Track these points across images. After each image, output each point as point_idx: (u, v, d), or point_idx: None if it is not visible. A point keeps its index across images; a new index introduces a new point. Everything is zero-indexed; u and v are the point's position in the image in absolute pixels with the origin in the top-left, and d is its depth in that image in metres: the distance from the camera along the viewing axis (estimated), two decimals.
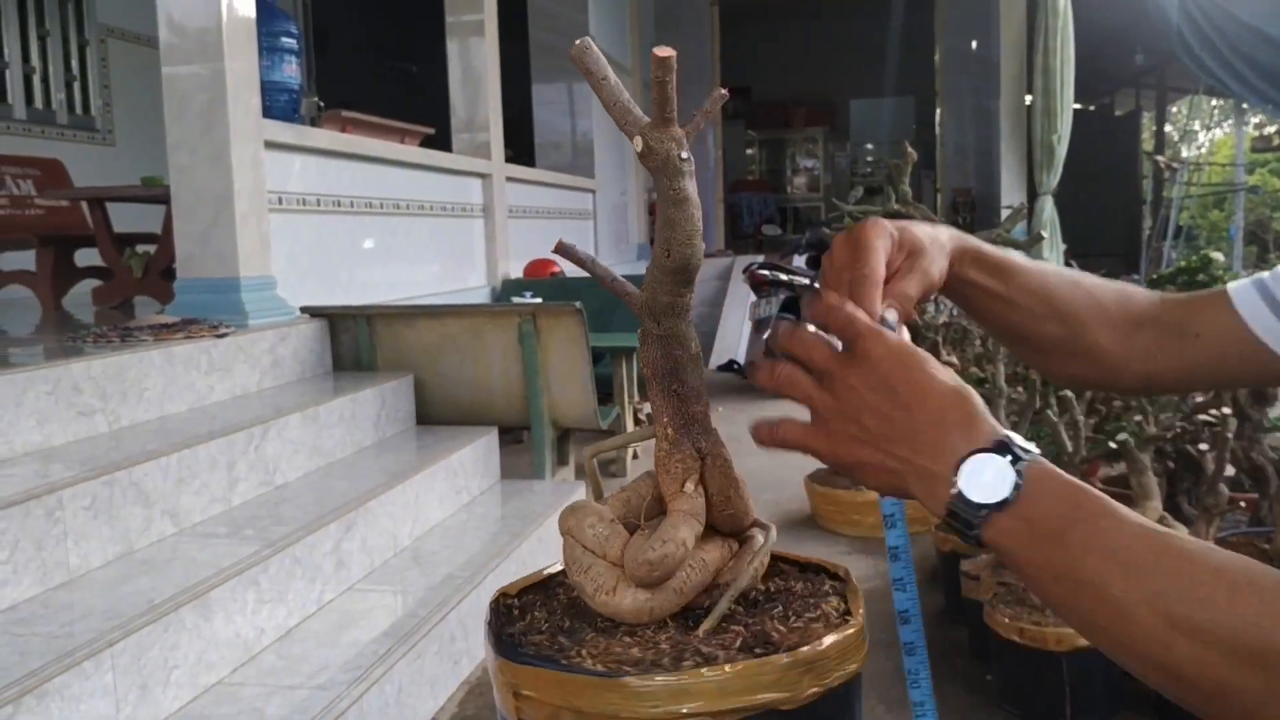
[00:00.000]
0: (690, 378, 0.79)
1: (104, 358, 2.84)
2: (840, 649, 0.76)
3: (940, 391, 0.70)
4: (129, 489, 2.44)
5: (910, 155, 3.67)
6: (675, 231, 0.75)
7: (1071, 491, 0.65)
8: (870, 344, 0.72)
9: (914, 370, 0.70)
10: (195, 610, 2.16)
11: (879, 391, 0.70)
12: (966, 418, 0.69)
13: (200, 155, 3.69)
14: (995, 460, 0.66)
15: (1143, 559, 0.62)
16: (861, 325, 0.73)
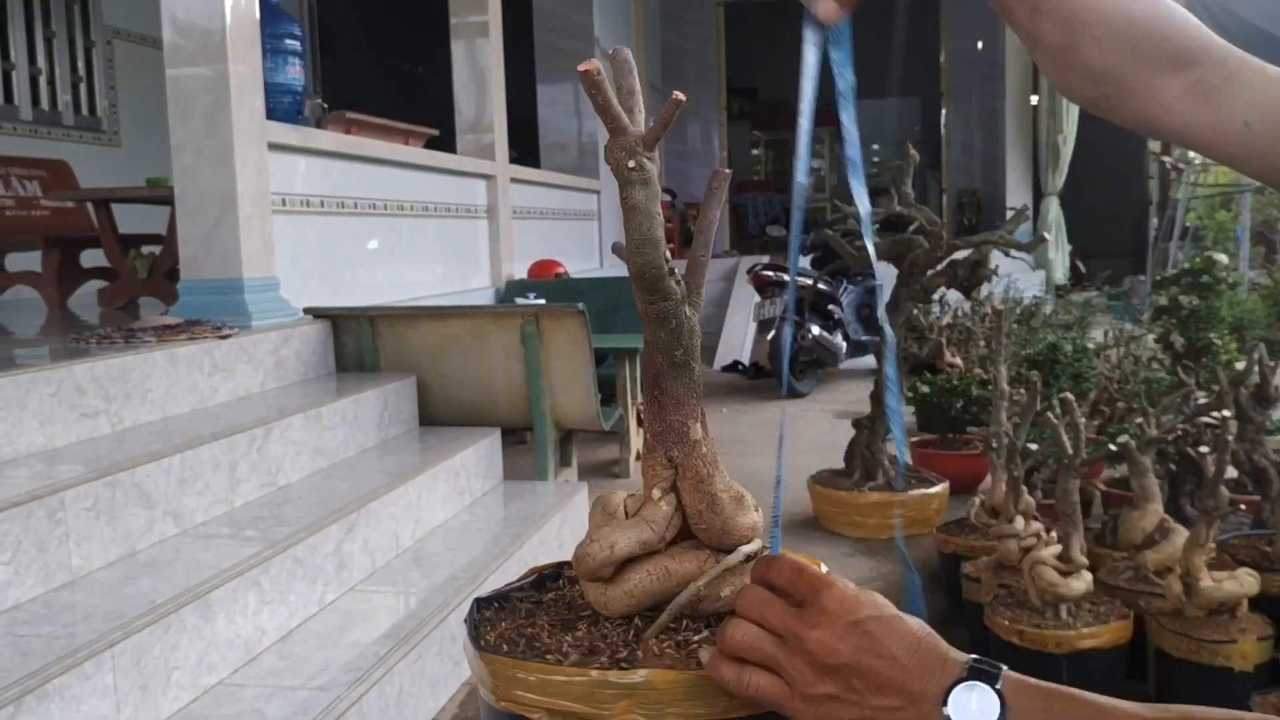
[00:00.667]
0: (670, 385, 0.79)
1: (107, 359, 2.85)
2: None
3: (916, 634, 0.71)
4: (131, 490, 2.44)
5: (913, 156, 3.67)
6: (628, 240, 0.76)
7: (1053, 702, 0.68)
8: (826, 597, 0.72)
9: (894, 622, 0.71)
10: (196, 611, 2.17)
11: (862, 648, 0.70)
12: (937, 651, 0.71)
13: (204, 157, 3.70)
14: (976, 687, 0.68)
15: None
16: (812, 577, 0.73)
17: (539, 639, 0.80)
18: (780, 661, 0.72)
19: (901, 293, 3.80)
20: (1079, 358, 4.13)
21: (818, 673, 0.71)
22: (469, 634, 0.82)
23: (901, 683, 0.69)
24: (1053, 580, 2.33)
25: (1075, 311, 6.98)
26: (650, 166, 0.75)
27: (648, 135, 0.74)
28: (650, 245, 0.75)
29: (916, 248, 3.66)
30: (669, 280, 0.76)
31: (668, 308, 0.77)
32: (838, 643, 0.70)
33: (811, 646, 0.71)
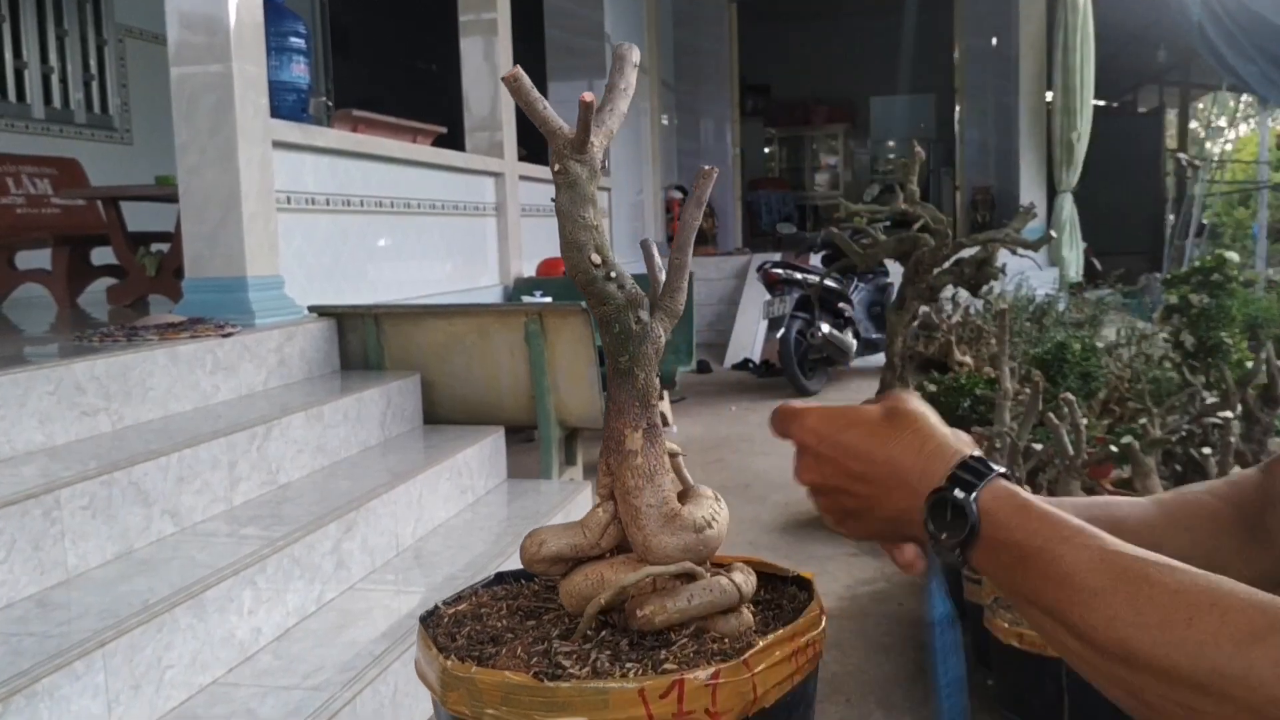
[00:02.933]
0: (614, 390, 0.77)
1: (108, 357, 2.85)
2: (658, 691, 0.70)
3: (880, 437, 0.72)
4: (128, 488, 2.44)
5: (918, 154, 3.64)
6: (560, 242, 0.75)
7: (1028, 516, 0.66)
8: (791, 434, 0.75)
9: (843, 433, 0.72)
10: (190, 610, 2.17)
11: (830, 474, 0.73)
12: (915, 454, 0.70)
13: (208, 155, 3.70)
14: (951, 499, 0.67)
15: (1098, 583, 0.61)
16: (782, 415, 0.76)
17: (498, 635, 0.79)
18: (817, 500, 0.77)
19: (908, 291, 3.77)
20: (1087, 357, 4.08)
21: (824, 503, 0.75)
22: (422, 629, 0.81)
23: (881, 495, 0.71)
24: None
25: (1088, 310, 6.93)
26: (577, 170, 0.73)
27: (574, 139, 0.72)
28: (573, 249, 0.73)
29: (922, 246, 3.63)
30: (604, 285, 0.75)
31: (608, 312, 0.75)
32: (813, 475, 0.74)
33: (806, 483, 0.75)
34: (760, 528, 4.05)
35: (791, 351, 6.87)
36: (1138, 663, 0.58)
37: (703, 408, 6.84)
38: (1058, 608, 0.62)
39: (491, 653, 0.76)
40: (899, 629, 3.03)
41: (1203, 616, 0.57)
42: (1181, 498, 0.89)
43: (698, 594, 0.75)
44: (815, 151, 17.03)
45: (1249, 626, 0.56)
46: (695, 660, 0.71)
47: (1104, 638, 0.60)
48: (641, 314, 0.76)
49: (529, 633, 0.79)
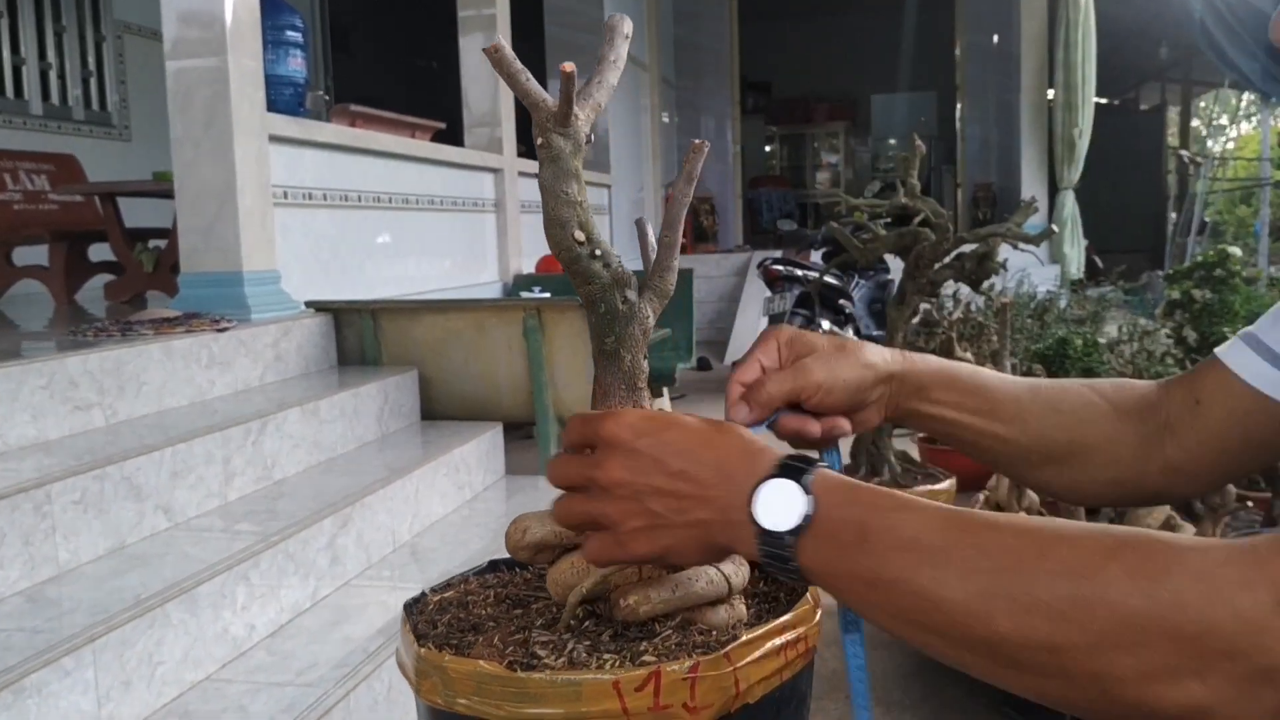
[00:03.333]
0: (600, 374, 0.75)
1: (101, 352, 2.83)
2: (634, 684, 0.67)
3: (704, 438, 0.68)
4: (121, 483, 2.42)
5: (919, 149, 3.62)
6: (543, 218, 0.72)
7: (861, 494, 0.64)
8: (604, 429, 0.69)
9: (665, 432, 0.68)
10: (182, 605, 2.14)
11: (647, 471, 0.67)
12: (741, 452, 0.67)
13: (204, 149, 3.68)
14: (782, 485, 0.64)
15: (945, 540, 0.60)
16: (589, 417, 0.70)
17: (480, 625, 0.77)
18: (593, 515, 0.69)
19: (908, 286, 3.75)
20: (1089, 352, 4.06)
21: (621, 509, 0.67)
22: (406, 619, 0.79)
23: (702, 493, 0.66)
24: None
25: (1090, 306, 6.90)
26: (560, 143, 0.70)
27: (557, 111, 0.69)
28: (556, 225, 0.71)
29: (923, 240, 3.60)
30: (588, 263, 0.72)
31: (593, 291, 0.73)
32: (623, 472, 0.67)
33: (604, 484, 0.68)
34: None
35: None
36: (996, 609, 0.56)
37: (703, 405, 6.81)
38: (905, 575, 0.60)
39: (470, 641, 0.73)
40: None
41: (1053, 548, 0.56)
42: (1059, 385, 0.92)
43: (682, 584, 0.72)
44: (816, 149, 17.00)
45: (1099, 547, 0.55)
46: (676, 653, 0.69)
47: (958, 592, 0.58)
48: (629, 294, 0.73)
49: (512, 622, 0.77)
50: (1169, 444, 0.88)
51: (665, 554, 0.68)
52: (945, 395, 0.87)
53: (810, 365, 0.81)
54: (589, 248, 0.71)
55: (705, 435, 0.68)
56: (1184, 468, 0.87)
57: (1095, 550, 0.55)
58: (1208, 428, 0.86)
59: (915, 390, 0.87)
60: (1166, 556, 0.54)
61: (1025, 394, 0.89)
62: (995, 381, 0.89)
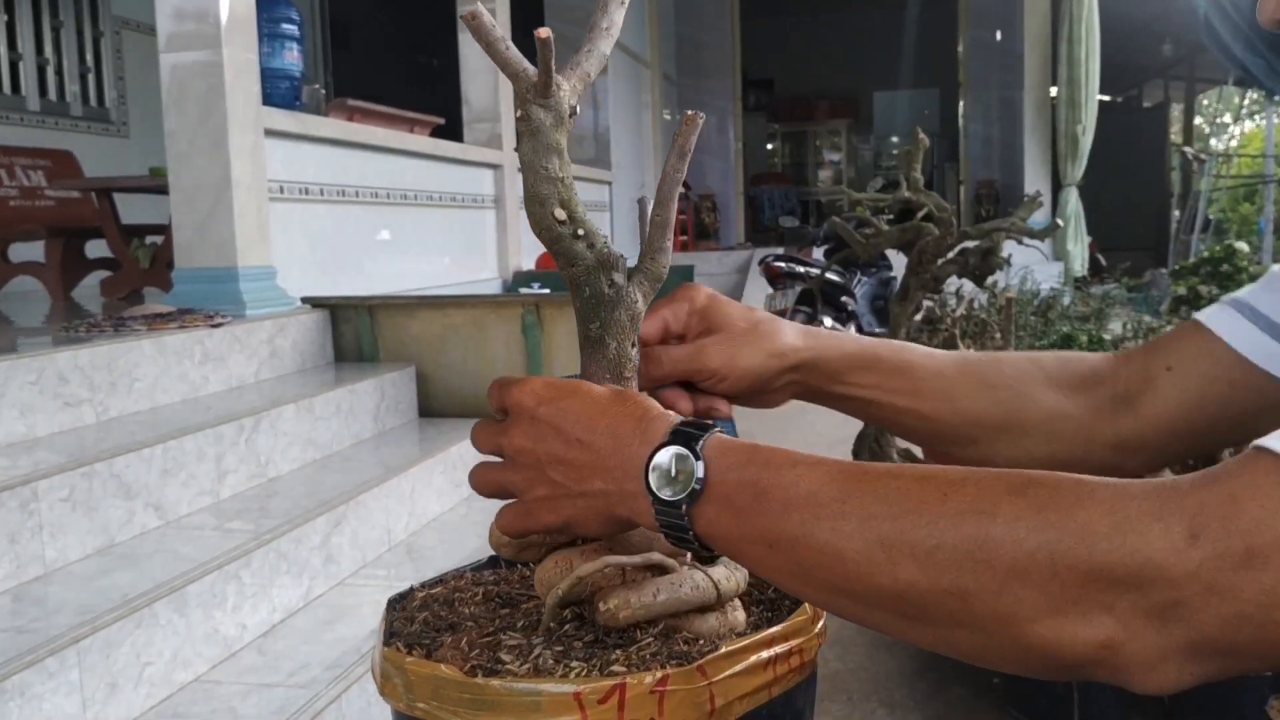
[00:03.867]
0: (585, 362, 0.71)
1: (92, 347, 2.78)
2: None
3: (602, 406, 0.65)
4: (110, 480, 2.38)
5: (922, 142, 3.57)
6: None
7: (755, 454, 0.61)
8: (510, 395, 0.67)
9: (565, 399, 0.65)
10: (171, 605, 2.10)
11: (546, 438, 0.65)
12: (636, 420, 0.64)
13: (198, 143, 3.64)
14: (674, 451, 0.61)
15: (843, 491, 0.57)
16: (502, 382, 0.68)
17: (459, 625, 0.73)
18: (501, 483, 0.68)
19: (911, 282, 3.70)
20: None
21: (525, 477, 0.66)
22: (386, 620, 0.74)
23: (599, 462, 0.63)
24: None
25: (1093, 304, 6.86)
26: (540, 115, 0.66)
27: (537, 81, 0.65)
28: (536, 203, 0.66)
29: (926, 235, 3.56)
30: (571, 243, 0.68)
31: (576, 274, 0.68)
32: (525, 440, 0.65)
33: (510, 452, 0.67)
34: None
35: None
36: (899, 556, 0.53)
37: None
38: (804, 531, 0.56)
39: (442, 641, 0.69)
40: None
41: (957, 490, 0.53)
42: (995, 358, 0.87)
43: (665, 589, 0.67)
44: (818, 147, 16.96)
45: (1005, 485, 0.53)
46: (650, 663, 0.64)
47: (858, 541, 0.55)
48: (615, 277, 0.69)
49: (493, 622, 0.72)
50: (1122, 417, 0.82)
51: (569, 524, 0.66)
52: (863, 378, 0.83)
53: (709, 349, 0.78)
54: (571, 227, 0.66)
55: (603, 403, 0.65)
56: (1137, 442, 0.82)
57: (1001, 488, 0.52)
58: (1175, 396, 0.80)
59: (828, 375, 0.83)
60: (1077, 491, 0.51)
61: (953, 369, 0.84)
62: (920, 358, 0.84)
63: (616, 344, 0.69)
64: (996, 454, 0.85)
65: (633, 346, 0.70)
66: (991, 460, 0.84)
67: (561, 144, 0.67)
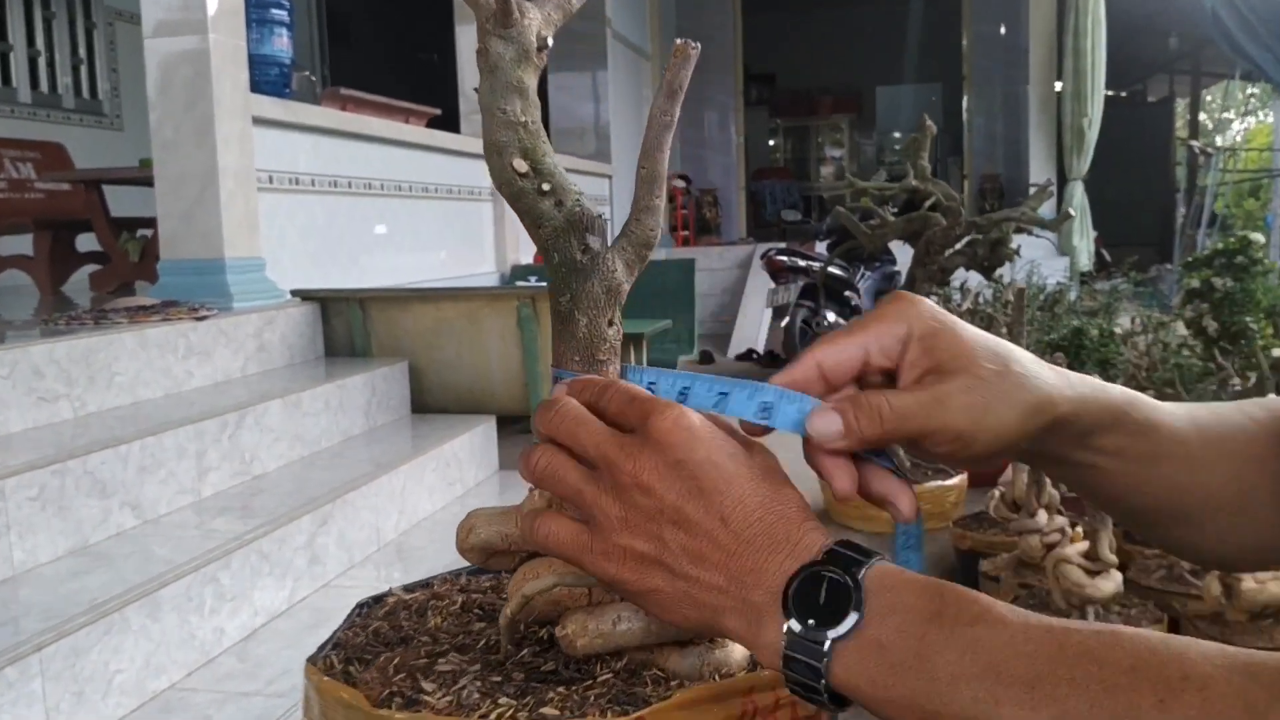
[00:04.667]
0: (555, 340, 0.60)
1: (69, 340, 2.68)
2: None
3: (763, 492, 0.52)
4: (83, 479, 2.28)
5: (929, 129, 3.46)
6: None
7: (927, 598, 0.48)
8: (659, 420, 0.53)
9: (729, 462, 0.52)
10: (143, 610, 2.00)
11: (684, 493, 0.52)
12: (789, 522, 0.52)
13: (184, 131, 3.53)
14: (830, 575, 0.49)
15: (1034, 671, 0.45)
16: (646, 400, 0.54)
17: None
18: (586, 498, 0.54)
19: (918, 273, 3.59)
20: (1105, 343, 3.90)
21: (627, 519, 0.53)
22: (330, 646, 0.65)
23: (728, 555, 0.51)
24: (1079, 580, 2.13)
25: (1101, 298, 6.75)
26: (499, 50, 0.55)
27: (496, 8, 0.54)
28: (493, 151, 0.56)
29: (933, 226, 3.45)
30: (535, 200, 0.57)
31: (544, 236, 0.58)
32: (656, 481, 0.52)
33: (624, 480, 0.52)
34: None
35: (796, 340, 6.69)
36: None
37: None
38: (976, 713, 0.45)
39: (386, 657, 0.60)
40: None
41: (1177, 697, 0.42)
42: (1219, 417, 0.65)
43: (628, 616, 0.57)
44: (820, 143, 16.84)
45: (1243, 703, 0.41)
46: (589, 707, 0.54)
47: None
48: (589, 240, 0.58)
49: (454, 638, 0.63)
50: None
51: (645, 595, 0.53)
52: (1111, 440, 0.61)
53: (953, 399, 0.55)
54: (535, 181, 0.56)
55: (764, 489, 0.52)
56: None
57: (1237, 706, 0.41)
58: None
59: (1077, 436, 0.60)
60: None
61: (1188, 428, 0.63)
62: (1162, 416, 0.62)
63: (588, 321, 0.59)
64: (1225, 539, 0.65)
65: (610, 325, 0.60)
66: (1207, 544, 0.66)
67: (526, 83, 0.57)
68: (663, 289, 5.50)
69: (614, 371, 0.60)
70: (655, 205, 0.60)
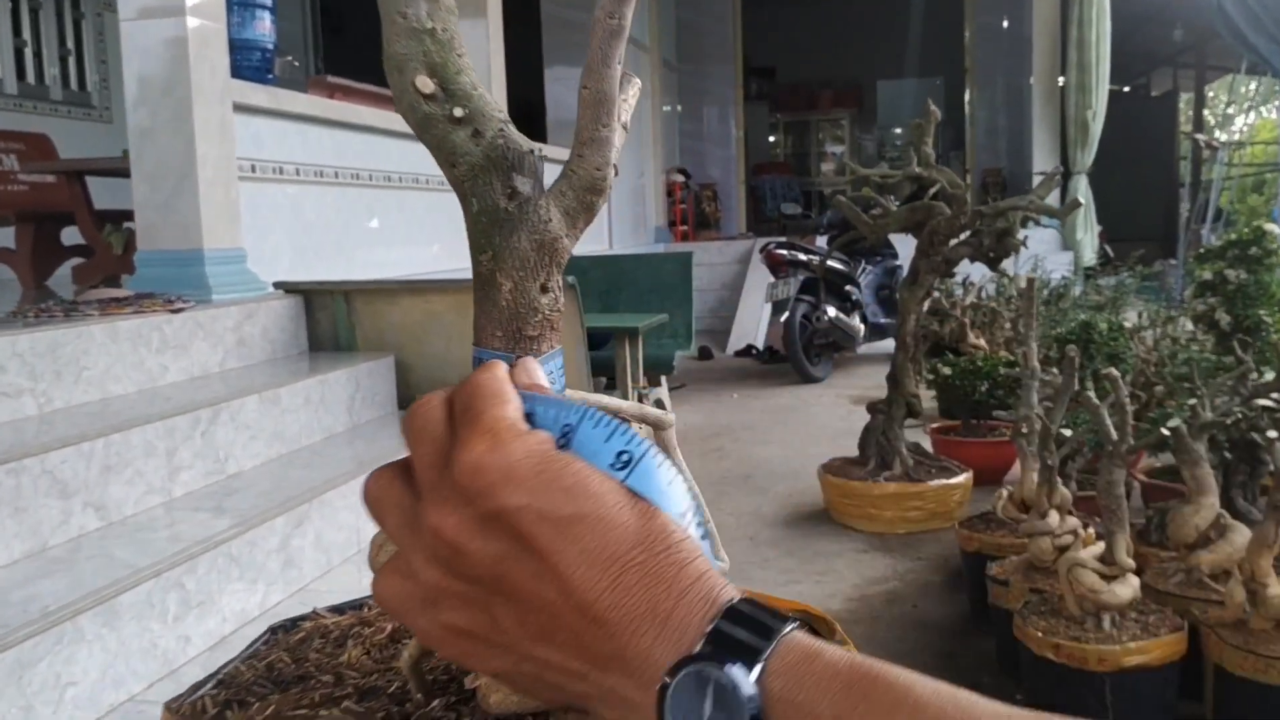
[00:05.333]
0: (476, 309, 0.48)
1: (33, 333, 2.56)
2: None
3: (608, 540, 0.38)
4: (42, 478, 2.16)
5: (934, 114, 3.34)
6: None
7: (840, 685, 0.37)
8: (462, 452, 0.40)
9: (560, 506, 0.38)
10: (99, 618, 1.88)
11: (497, 554, 0.39)
12: (658, 587, 0.38)
13: (161, 116, 3.41)
14: (716, 679, 0.36)
15: None
16: (477, 401, 0.41)
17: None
18: (404, 553, 0.42)
19: (921, 264, 3.47)
20: (1115, 337, 3.78)
21: (442, 587, 0.40)
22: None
23: (577, 636, 0.38)
24: (1094, 585, 2.01)
25: (1107, 293, 6.63)
26: None
27: None
28: (393, 68, 0.43)
29: (938, 215, 3.33)
30: (445, 130, 0.45)
31: (459, 176, 0.46)
32: (467, 540, 0.39)
33: (427, 538, 0.40)
34: (761, 521, 3.76)
35: (796, 336, 6.57)
36: None
37: (703, 395, 6.55)
38: None
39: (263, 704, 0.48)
40: (914, 634, 2.74)
41: None
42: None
43: None
44: (820, 137, 16.70)
45: None
46: None
47: None
48: (517, 182, 0.46)
49: (366, 678, 0.51)
50: None
51: (497, 676, 0.42)
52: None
53: None
54: (446, 105, 0.44)
55: (623, 539, 0.39)
56: None
57: None
58: None
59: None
60: None
61: None
62: None
63: (514, 286, 0.46)
64: None
65: (544, 292, 0.47)
66: None
67: None
68: (659, 283, 5.38)
69: (548, 349, 0.49)
70: (604, 137, 0.47)
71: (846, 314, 6.88)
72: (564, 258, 0.47)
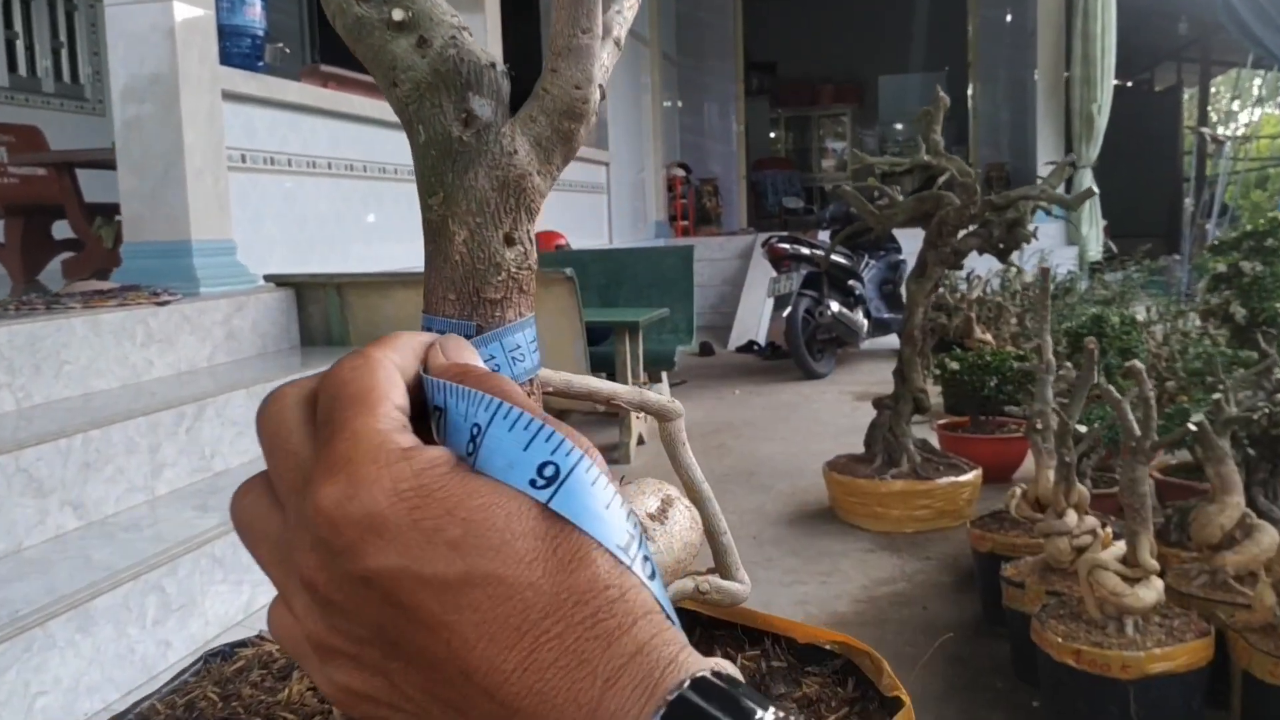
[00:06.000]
0: (426, 267, 0.38)
1: (10, 326, 2.47)
2: None
3: (528, 600, 0.30)
4: (16, 476, 2.07)
5: (943, 100, 3.24)
6: None
7: None
8: (316, 494, 0.31)
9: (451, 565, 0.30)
10: (71, 623, 1.79)
11: (378, 621, 0.30)
12: (580, 669, 0.29)
13: (148, 105, 3.32)
14: None
15: None
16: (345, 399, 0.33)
17: None
18: (275, 580, 0.33)
19: (930, 256, 3.38)
20: (1128, 330, 3.69)
21: (325, 644, 0.32)
22: None
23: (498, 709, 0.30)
24: (1116, 588, 1.92)
25: (1114, 287, 6.54)
26: None
27: None
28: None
29: (946, 205, 3.23)
30: (384, 39, 0.35)
31: (402, 98, 0.36)
32: (344, 599, 0.31)
33: (302, 581, 0.32)
34: (765, 519, 3.67)
35: (798, 331, 6.47)
36: None
37: (705, 391, 6.45)
38: None
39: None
40: (923, 638, 2.65)
41: None
42: None
43: None
44: (821, 132, 16.61)
45: None
46: None
47: None
48: (474, 104, 0.36)
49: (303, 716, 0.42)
50: None
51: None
52: None
53: None
54: (383, 7, 0.34)
55: (537, 603, 0.30)
56: None
57: None
58: None
59: None
60: None
61: None
62: None
63: (469, 235, 0.36)
64: None
65: (509, 245, 0.37)
66: None
67: None
68: (660, 277, 5.28)
69: (516, 317, 0.39)
70: (583, 45, 0.37)
71: (850, 309, 6.78)
72: (535, 200, 0.37)
